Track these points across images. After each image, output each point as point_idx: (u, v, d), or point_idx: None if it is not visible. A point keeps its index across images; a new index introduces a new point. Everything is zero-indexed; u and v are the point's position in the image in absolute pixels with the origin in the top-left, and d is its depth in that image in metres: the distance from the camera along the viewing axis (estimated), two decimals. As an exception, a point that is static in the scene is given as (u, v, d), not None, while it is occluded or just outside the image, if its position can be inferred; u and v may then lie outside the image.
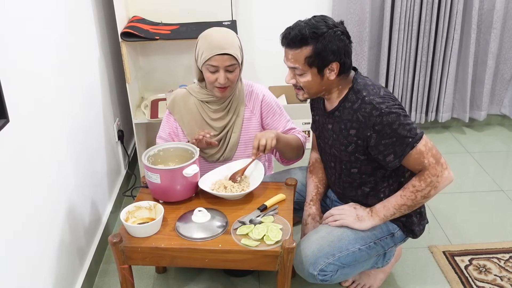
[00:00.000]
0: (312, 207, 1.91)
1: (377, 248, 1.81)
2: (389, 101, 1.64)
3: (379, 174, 1.75)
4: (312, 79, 1.68)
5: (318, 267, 1.72)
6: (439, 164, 1.64)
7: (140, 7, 2.73)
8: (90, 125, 2.22)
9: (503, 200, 2.64)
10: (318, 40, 1.61)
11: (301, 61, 1.65)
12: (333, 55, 1.62)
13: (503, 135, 3.39)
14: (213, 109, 1.97)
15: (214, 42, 1.80)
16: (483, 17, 3.12)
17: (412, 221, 1.82)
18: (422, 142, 1.63)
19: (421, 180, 1.65)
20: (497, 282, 2.04)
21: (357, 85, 1.70)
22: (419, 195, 1.67)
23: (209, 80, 1.86)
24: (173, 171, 1.76)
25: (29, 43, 1.61)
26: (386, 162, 1.67)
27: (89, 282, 2.04)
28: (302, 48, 1.63)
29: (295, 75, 1.71)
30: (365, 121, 1.64)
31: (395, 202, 1.72)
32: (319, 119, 1.89)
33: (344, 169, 1.80)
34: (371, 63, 3.24)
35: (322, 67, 1.65)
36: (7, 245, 1.41)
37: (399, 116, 1.61)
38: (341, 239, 1.75)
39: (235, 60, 1.82)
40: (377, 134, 1.63)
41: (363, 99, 1.66)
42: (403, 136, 1.61)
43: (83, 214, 2.08)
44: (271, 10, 3.06)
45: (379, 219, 1.76)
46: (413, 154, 1.63)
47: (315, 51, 1.62)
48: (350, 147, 1.72)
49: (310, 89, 1.72)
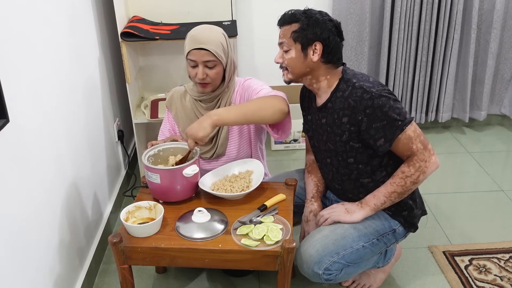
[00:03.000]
0: (314, 204, 1.92)
1: (380, 245, 1.81)
2: (379, 86, 1.68)
3: (375, 163, 1.77)
4: (296, 56, 1.73)
5: (324, 266, 1.72)
6: (426, 149, 1.67)
7: (140, 7, 2.73)
8: (90, 125, 2.22)
9: (503, 200, 2.64)
10: (307, 19, 1.70)
11: (287, 36, 1.72)
12: (319, 34, 1.69)
13: (503, 135, 3.39)
14: (204, 106, 1.98)
15: (194, 37, 1.83)
16: (483, 17, 3.12)
17: (414, 215, 1.84)
18: (411, 128, 1.66)
19: (410, 165, 1.68)
20: (497, 282, 2.04)
21: (346, 75, 1.75)
22: (408, 181, 1.69)
23: (191, 75, 1.89)
24: (173, 171, 1.76)
25: (29, 43, 1.61)
26: (377, 146, 1.69)
27: (89, 282, 2.04)
28: (292, 24, 1.72)
29: (282, 54, 1.77)
30: (357, 105, 1.67)
31: (385, 190, 1.74)
32: (311, 118, 1.90)
33: (341, 161, 1.81)
34: (371, 63, 3.24)
35: (306, 44, 1.70)
36: (7, 245, 1.41)
37: (389, 100, 1.65)
38: (345, 237, 1.76)
39: (214, 57, 1.82)
40: (368, 117, 1.66)
41: (353, 85, 1.70)
42: (393, 119, 1.64)
43: (83, 214, 2.08)
44: (271, 10, 3.05)
45: (370, 209, 1.77)
46: (402, 139, 1.66)
47: (301, 26, 1.70)
48: (344, 136, 1.74)
49: (294, 68, 1.75)
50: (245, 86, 1.99)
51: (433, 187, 2.72)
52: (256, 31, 3.13)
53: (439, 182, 2.78)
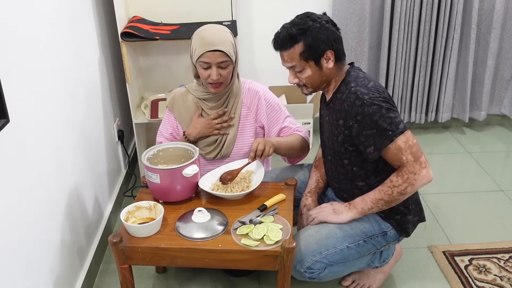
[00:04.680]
0: (309, 199, 1.93)
1: (368, 246, 1.81)
2: (374, 93, 1.66)
3: (369, 167, 1.76)
4: (312, 72, 1.72)
5: (306, 265, 1.74)
6: (417, 162, 1.64)
7: (140, 7, 2.73)
8: (90, 125, 2.22)
9: (503, 200, 2.64)
10: (306, 34, 1.67)
11: (297, 59, 1.70)
12: (324, 44, 1.68)
13: (503, 135, 3.39)
14: (210, 106, 1.98)
15: (206, 39, 1.82)
16: (483, 17, 3.12)
17: (406, 220, 1.82)
18: (403, 138, 1.63)
19: (399, 176, 1.66)
20: (497, 282, 2.04)
21: (349, 77, 1.75)
22: (395, 191, 1.67)
23: (203, 77, 1.88)
24: (173, 171, 1.76)
25: (29, 43, 1.61)
26: (367, 153, 1.69)
27: (89, 282, 2.04)
28: (294, 46, 1.69)
29: (296, 74, 1.75)
30: (349, 110, 1.67)
31: (373, 196, 1.73)
32: (322, 112, 1.92)
33: (338, 160, 1.82)
34: (371, 63, 3.24)
35: (318, 58, 1.70)
36: (7, 245, 1.41)
37: (381, 109, 1.63)
38: (329, 237, 1.77)
39: (227, 57, 1.83)
40: (359, 124, 1.66)
41: (349, 90, 1.70)
42: (383, 128, 1.63)
43: (83, 214, 2.08)
44: (271, 10, 3.06)
45: (357, 211, 1.77)
46: (392, 149, 1.64)
47: (306, 45, 1.68)
48: (340, 138, 1.75)
49: (313, 83, 1.76)
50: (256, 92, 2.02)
51: (433, 187, 2.71)
52: (256, 31, 3.13)
53: (439, 182, 2.78)
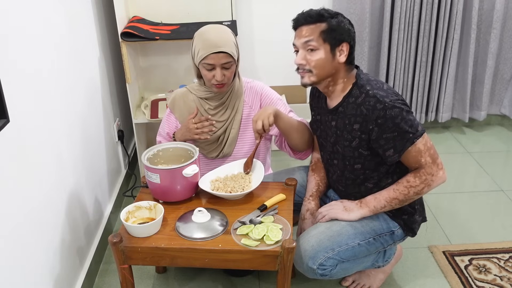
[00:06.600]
0: (311, 202, 1.92)
1: (376, 245, 1.81)
2: (393, 95, 1.66)
3: (382, 170, 1.76)
4: (324, 56, 1.68)
5: (318, 261, 1.73)
6: (435, 164, 1.66)
7: (140, 7, 2.74)
8: (90, 125, 2.22)
9: (503, 200, 2.64)
10: (333, 18, 1.68)
11: (316, 35, 1.67)
12: (346, 34, 1.69)
13: (503, 135, 3.39)
14: (212, 105, 1.98)
15: (210, 41, 1.81)
16: (483, 17, 3.12)
17: (414, 220, 1.83)
18: (422, 141, 1.65)
19: (416, 176, 1.67)
20: (497, 282, 2.04)
21: (360, 80, 1.73)
22: (412, 191, 1.69)
23: (207, 78, 1.88)
24: (173, 171, 1.76)
25: (29, 43, 1.61)
26: (386, 156, 1.69)
27: (89, 282, 2.04)
28: (317, 23, 1.67)
29: (305, 56, 1.70)
30: (369, 114, 1.66)
31: (387, 195, 1.73)
32: (321, 118, 1.89)
33: (347, 165, 1.81)
34: (371, 63, 3.24)
35: (335, 45, 1.68)
36: (7, 245, 1.41)
37: (402, 111, 1.63)
38: (341, 234, 1.76)
39: (231, 58, 1.84)
40: (379, 127, 1.64)
41: (367, 93, 1.68)
42: (404, 131, 1.63)
43: (83, 214, 2.08)
44: (271, 10, 3.06)
45: (369, 210, 1.78)
46: (412, 151, 1.65)
47: (331, 26, 1.67)
48: (354, 142, 1.73)
49: (321, 70, 1.70)
50: (257, 91, 2.02)
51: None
52: (256, 31, 3.13)
53: (439, 182, 2.78)
